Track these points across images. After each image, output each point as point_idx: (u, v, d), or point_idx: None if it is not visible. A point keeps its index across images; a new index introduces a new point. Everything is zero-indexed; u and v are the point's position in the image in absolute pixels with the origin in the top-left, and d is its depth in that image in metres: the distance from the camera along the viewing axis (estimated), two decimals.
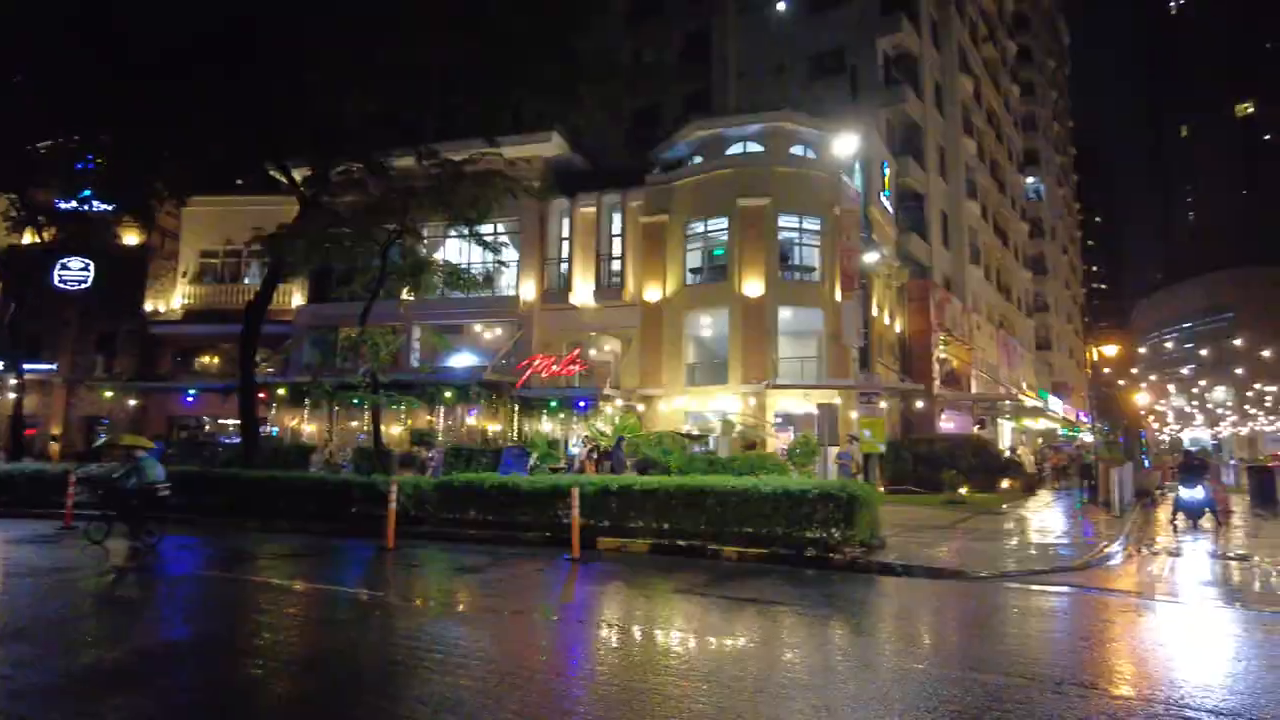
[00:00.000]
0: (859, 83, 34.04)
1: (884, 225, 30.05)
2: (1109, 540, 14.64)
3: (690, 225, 27.14)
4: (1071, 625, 8.51)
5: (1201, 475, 17.82)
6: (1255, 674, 6.42)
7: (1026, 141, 61.15)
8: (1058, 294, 64.23)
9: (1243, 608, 8.99)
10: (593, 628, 8.08)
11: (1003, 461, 28.75)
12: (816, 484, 12.64)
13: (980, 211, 42.84)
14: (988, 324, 41.42)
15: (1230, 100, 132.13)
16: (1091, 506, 21.82)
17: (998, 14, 53.95)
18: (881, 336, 28.70)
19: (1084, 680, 6.15)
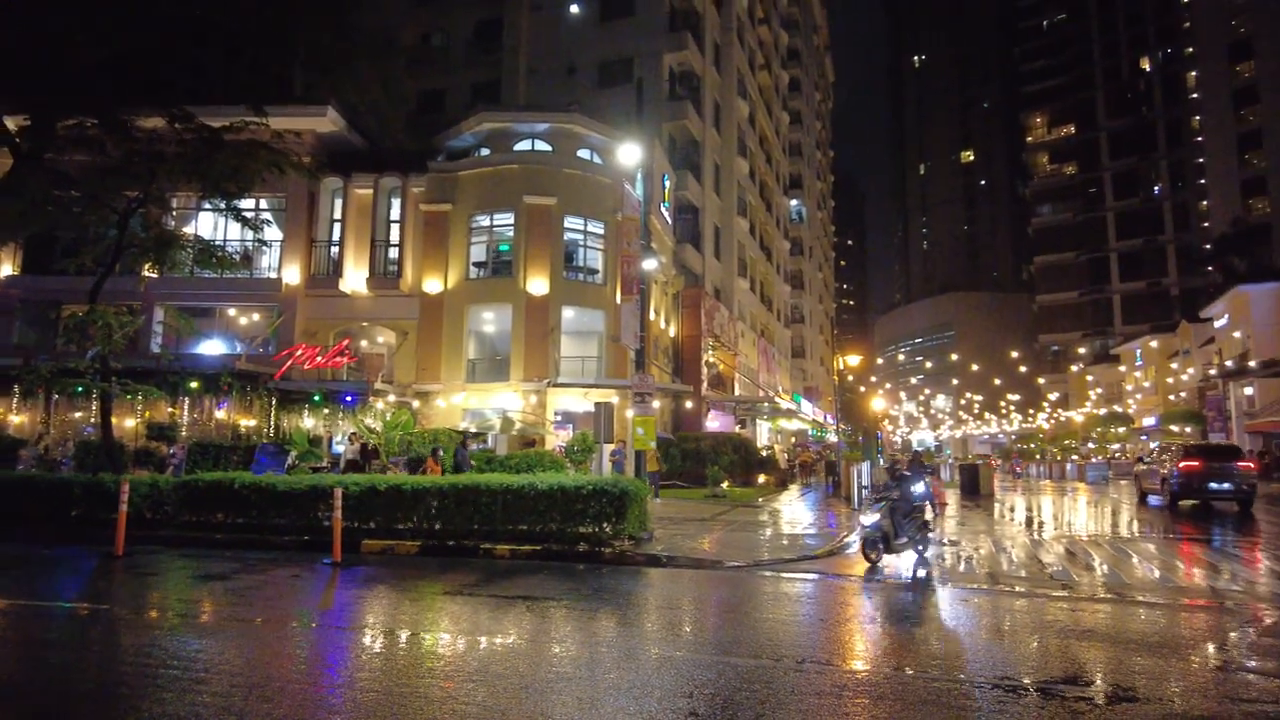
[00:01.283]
0: (645, 95, 35.26)
1: (663, 235, 31.36)
2: (848, 531, 16.28)
3: (475, 217, 26.65)
4: (814, 609, 9.36)
5: (923, 471, 20.37)
6: (954, 640, 7.44)
7: (792, 166, 66.55)
8: (812, 307, 70.46)
9: (952, 586, 10.36)
10: (354, 633, 7.70)
11: (760, 458, 31.07)
12: (591, 480, 12.91)
13: (749, 228, 45.98)
14: (751, 332, 44.57)
15: (956, 147, 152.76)
16: (835, 500, 24.17)
17: (774, 45, 58.27)
18: (657, 340, 29.92)
19: (819, 657, 6.81)
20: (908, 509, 12.17)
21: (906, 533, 12.00)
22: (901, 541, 11.88)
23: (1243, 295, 49.09)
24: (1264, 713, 5.34)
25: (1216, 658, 6.82)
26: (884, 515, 11.98)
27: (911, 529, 12.09)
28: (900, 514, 12.01)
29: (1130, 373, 73.89)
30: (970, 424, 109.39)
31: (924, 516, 12.63)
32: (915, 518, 12.23)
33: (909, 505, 12.24)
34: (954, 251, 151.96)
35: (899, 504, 12.11)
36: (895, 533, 11.85)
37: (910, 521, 12.14)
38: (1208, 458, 22.05)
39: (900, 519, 11.97)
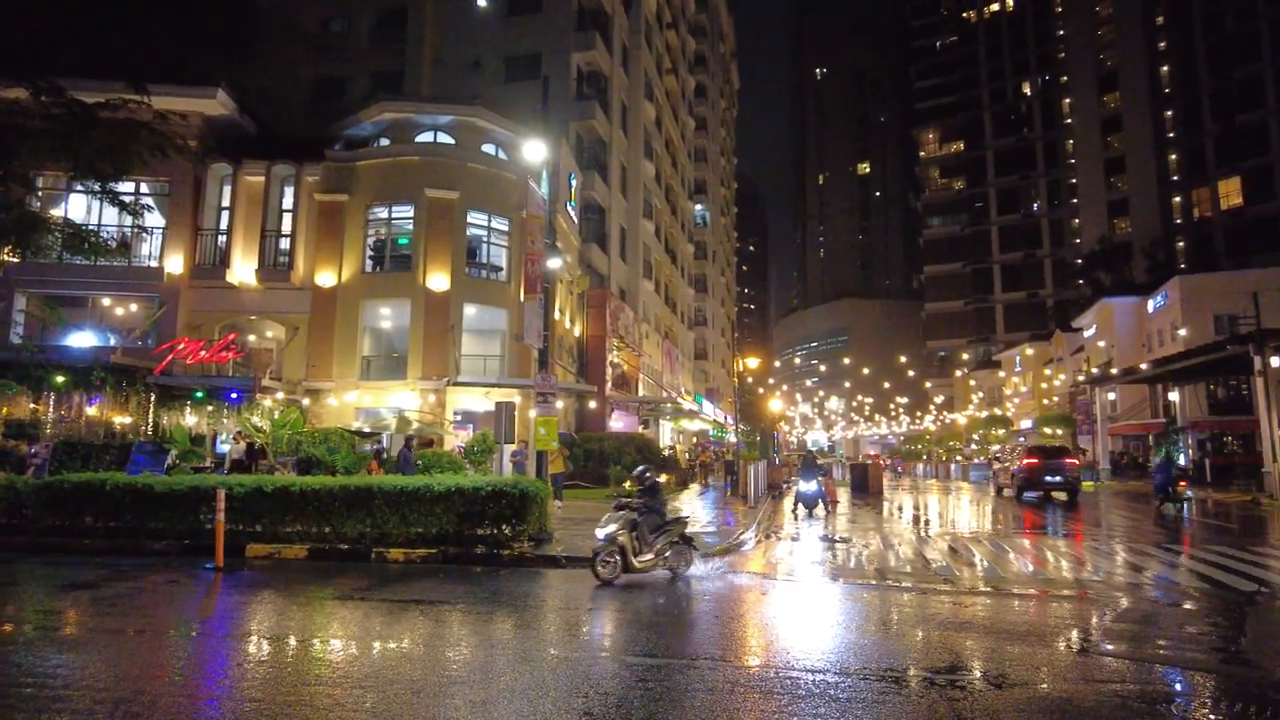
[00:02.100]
0: (552, 93, 35.01)
1: (569, 234, 31.25)
2: (744, 528, 16.65)
3: (373, 209, 25.85)
4: (709, 606, 9.51)
5: (817, 471, 21.07)
6: (843, 635, 7.70)
7: (697, 172, 67.52)
8: (715, 311, 71.68)
9: (844, 582, 10.73)
10: (236, 641, 7.34)
11: (662, 458, 31.39)
12: (490, 481, 12.73)
13: (655, 230, 46.40)
14: (655, 333, 44.97)
15: (854, 159, 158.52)
16: (733, 498, 24.66)
17: (681, 50, 58.97)
18: (561, 339, 29.78)
19: (713, 654, 6.93)
20: (659, 522, 10.67)
21: (654, 548, 10.46)
22: (646, 559, 10.37)
23: (1108, 308, 52.92)
24: (1114, 691, 5.77)
25: (1078, 643, 7.32)
26: (622, 527, 10.23)
27: (662, 543, 10.54)
28: (648, 527, 10.45)
29: (1010, 378, 78.46)
30: (862, 425, 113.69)
31: (681, 531, 10.91)
32: (670, 531, 10.68)
33: (661, 518, 10.76)
34: (849, 259, 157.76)
35: (646, 516, 10.55)
36: (638, 548, 10.31)
37: (661, 535, 10.59)
38: (1044, 456, 26.73)
39: (647, 533, 10.44)
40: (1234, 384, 40.42)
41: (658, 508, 10.84)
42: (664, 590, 10.05)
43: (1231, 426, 40.21)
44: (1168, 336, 44.39)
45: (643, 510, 10.58)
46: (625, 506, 10.58)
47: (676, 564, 10.72)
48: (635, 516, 10.40)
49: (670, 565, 10.64)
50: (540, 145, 16.99)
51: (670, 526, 10.80)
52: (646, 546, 10.42)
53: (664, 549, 10.56)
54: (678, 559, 10.75)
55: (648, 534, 10.45)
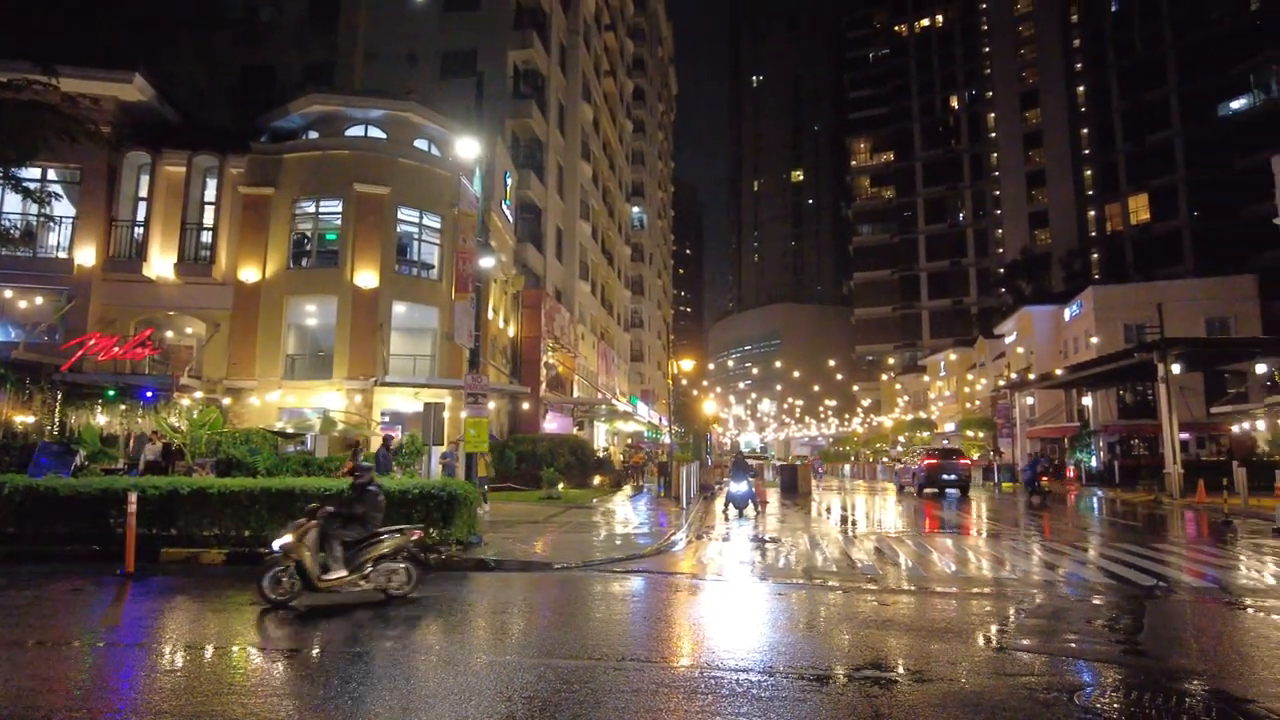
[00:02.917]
0: (489, 90, 34.68)
1: (503, 233, 30.94)
2: (676, 529, 16.76)
3: (300, 204, 25.12)
4: (639, 607, 9.53)
5: (747, 472, 21.35)
6: (770, 634, 7.82)
7: (635, 174, 67.71)
8: (651, 313, 71.97)
9: (773, 581, 10.88)
10: (145, 650, 7.02)
11: (596, 460, 31.34)
12: (418, 483, 12.50)
13: (591, 232, 46.33)
14: (591, 335, 44.90)
15: (788, 166, 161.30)
16: (666, 499, 24.78)
17: (620, 53, 59.05)
18: (495, 339, 29.46)
19: (640, 655, 6.94)
20: (364, 534, 8.97)
21: (353, 563, 8.77)
22: (336, 576, 8.65)
23: (1028, 315, 55.04)
24: (1024, 684, 6.00)
25: (992, 638, 7.58)
26: (300, 537, 8.51)
27: (368, 558, 8.84)
28: (343, 538, 8.83)
29: (934, 382, 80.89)
30: (793, 427, 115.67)
31: (404, 544, 9.12)
32: (381, 544, 8.95)
33: (366, 528, 9.02)
34: (782, 265, 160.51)
35: (345, 525, 8.91)
36: (325, 563, 8.65)
37: (367, 548, 8.88)
38: (941, 457, 30.39)
39: (337, 545, 8.77)
40: (1141, 389, 42.49)
41: (364, 514, 9.06)
42: (598, 591, 10.02)
43: (1139, 430, 42.26)
44: (1082, 344, 46.43)
45: (340, 517, 8.92)
46: (314, 513, 8.80)
47: (390, 583, 8.89)
48: (324, 525, 8.73)
49: (384, 585, 8.86)
50: (474, 142, 16.78)
51: (382, 539, 8.99)
52: (338, 561, 8.68)
53: (369, 563, 8.80)
54: (393, 577, 8.92)
55: (338, 546, 8.73)
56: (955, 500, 27.21)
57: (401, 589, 8.97)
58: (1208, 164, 64.95)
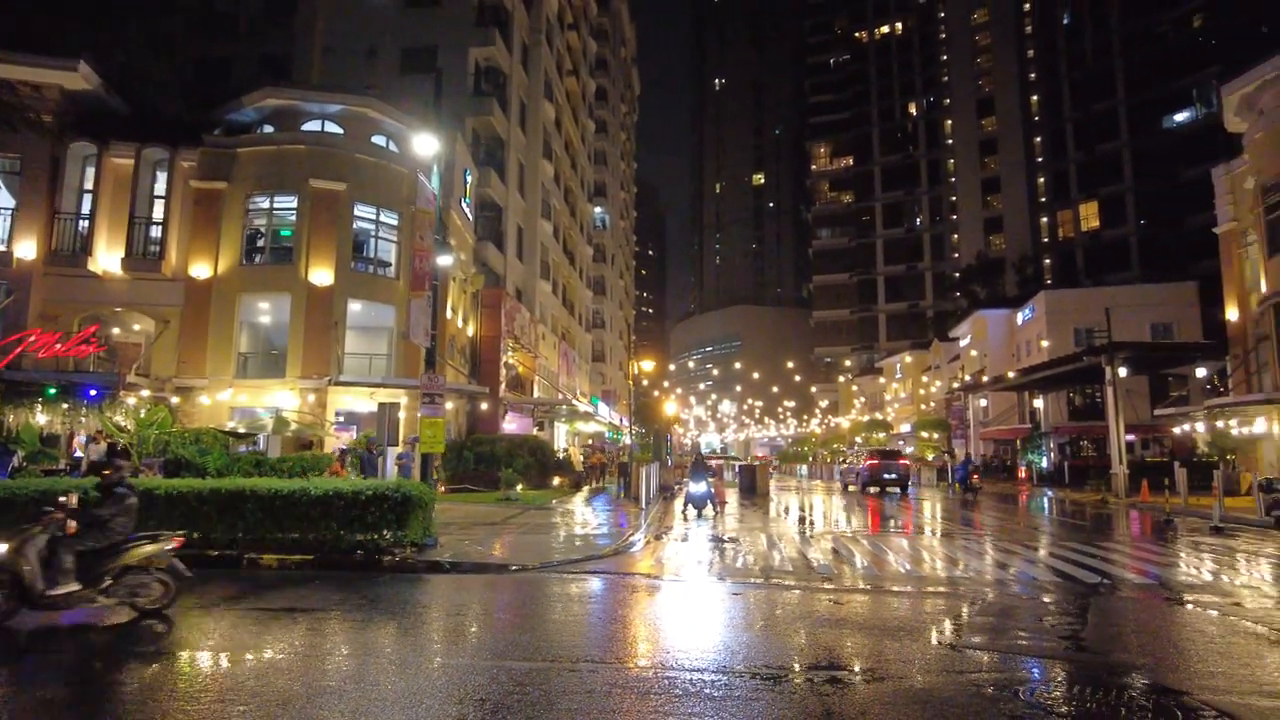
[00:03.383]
0: (450, 87, 34.34)
1: (463, 231, 30.64)
2: (635, 530, 16.74)
3: (253, 199, 24.59)
4: (596, 608, 9.50)
5: (706, 473, 21.42)
6: (726, 633, 7.84)
7: (597, 174, 67.62)
8: (613, 313, 71.94)
9: (731, 581, 10.92)
10: (84, 658, 6.79)
11: (556, 461, 31.19)
12: (371, 484, 12.30)
13: (553, 231, 46.14)
14: (552, 334, 44.70)
15: (749, 169, 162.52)
16: (625, 500, 24.76)
17: (582, 52, 58.90)
18: (454, 339, 29.16)
19: (596, 656, 6.91)
20: (109, 542, 7.84)
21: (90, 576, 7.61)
22: (64, 591, 7.43)
23: (982, 319, 56.17)
24: (973, 680, 6.10)
25: (943, 636, 7.70)
26: (20, 547, 7.33)
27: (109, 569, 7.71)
28: (76, 548, 7.61)
29: (890, 384, 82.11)
30: (752, 428, 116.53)
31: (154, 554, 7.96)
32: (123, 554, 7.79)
33: (109, 536, 7.87)
34: (743, 267, 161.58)
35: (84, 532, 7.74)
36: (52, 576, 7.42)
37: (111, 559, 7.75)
38: (882, 457, 32.68)
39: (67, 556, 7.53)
40: (1090, 392, 43.62)
41: (107, 519, 7.94)
42: (556, 593, 9.95)
43: (1088, 431, 43.37)
44: (1034, 347, 47.52)
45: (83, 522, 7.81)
46: (44, 517, 7.59)
47: (138, 598, 7.84)
48: (54, 531, 7.55)
49: (129, 599, 7.81)
50: (431, 139, 16.60)
51: (127, 548, 7.85)
52: (68, 574, 7.49)
53: (108, 575, 7.71)
54: (140, 592, 7.85)
55: (69, 556, 7.53)
56: (910, 500, 27.70)
57: (155, 604, 7.90)
58: (1154, 174, 67.00)
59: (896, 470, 31.35)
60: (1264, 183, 23.90)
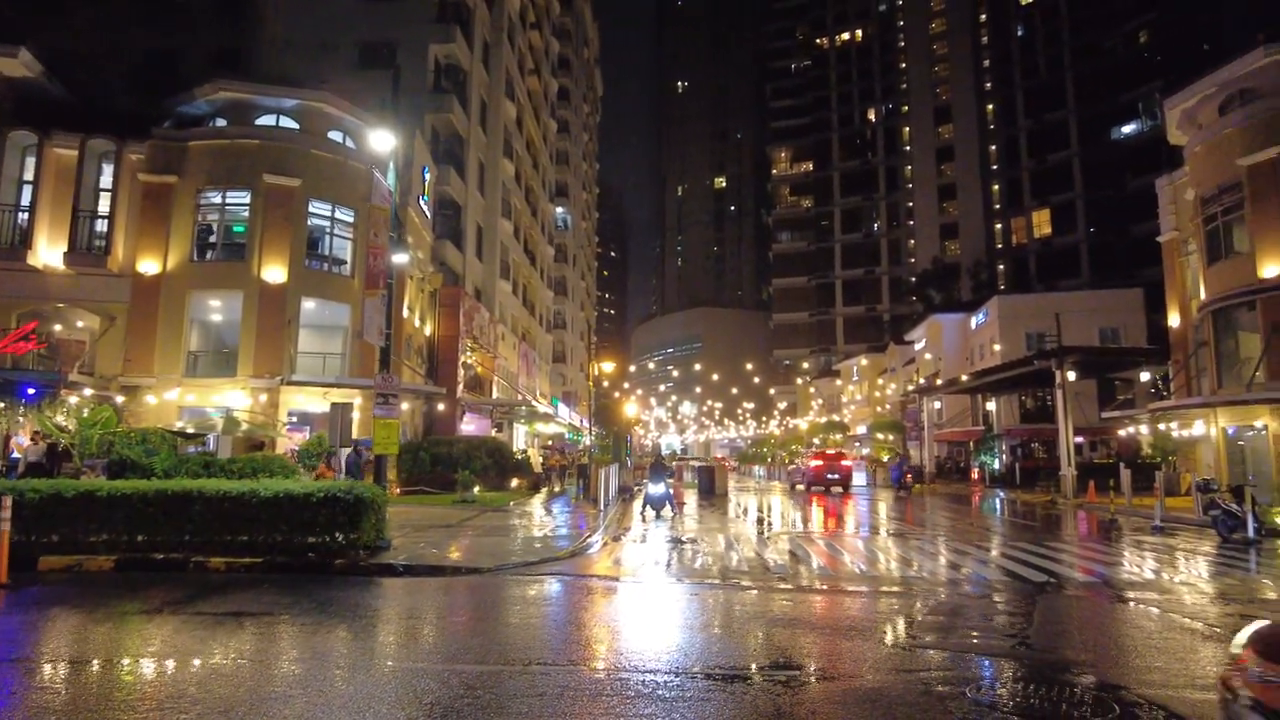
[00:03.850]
0: (409, 84, 33.94)
1: (421, 229, 30.28)
2: (593, 531, 16.70)
3: (205, 193, 24.02)
4: (552, 610, 9.45)
5: (665, 474, 21.47)
6: (682, 634, 7.84)
7: (559, 174, 67.40)
8: (574, 314, 71.80)
9: (688, 582, 10.94)
10: (20, 666, 6.55)
11: (515, 462, 30.97)
12: (322, 486, 12.09)
13: (513, 230, 45.86)
14: (512, 335, 44.42)
15: (711, 172, 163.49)
16: (584, 502, 24.69)
17: (544, 52, 58.66)
18: (411, 338, 28.82)
19: (549, 659, 6.86)
20: None
21: None
22: None
23: (937, 323, 57.16)
24: (922, 679, 6.19)
25: (894, 635, 7.80)
26: None
27: None
28: None
29: (847, 386, 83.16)
30: (712, 429, 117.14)
31: None
32: None
33: None
34: (705, 269, 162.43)
35: None
36: None
37: None
38: (826, 459, 35.24)
39: None
40: (1041, 395, 44.64)
41: None
42: (512, 595, 9.88)
43: (1038, 434, 44.36)
44: (987, 351, 48.50)
45: None
46: None
47: None
48: None
49: None
50: (388, 135, 16.38)
51: None
52: None
53: None
54: None
55: None
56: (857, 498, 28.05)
57: None
58: (1103, 183, 69.03)
59: (838, 471, 34.08)
60: (1203, 194, 24.72)
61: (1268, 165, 21.77)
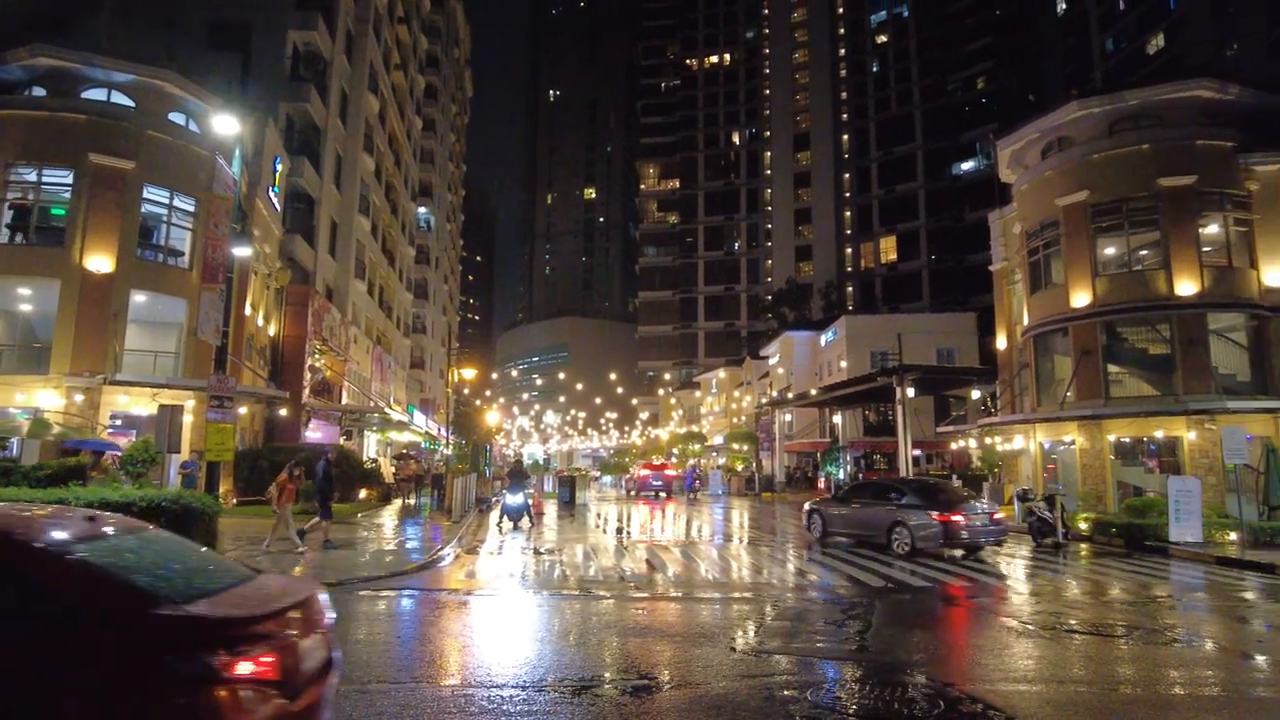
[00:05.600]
0: (264, 69, 31.98)
1: (269, 222, 28.48)
2: (447, 543, 16.17)
3: (16, 169, 21.54)
4: (398, 626, 9.01)
5: (524, 484, 21.12)
6: (534, 647, 7.65)
7: (423, 173, 65.43)
8: (435, 319, 69.76)
9: (546, 593, 10.74)
10: None
11: (365, 472, 29.60)
12: (145, 495, 11.04)
13: (371, 229, 44.06)
14: (366, 338, 42.59)
15: (581, 183, 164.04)
16: (438, 513, 23.91)
17: (413, 48, 56.91)
18: (253, 338, 27.00)
19: (391, 677, 6.50)
20: None
21: None
22: None
23: (790, 340, 59.66)
24: (765, 684, 6.31)
25: (741, 642, 7.93)
26: None
27: None
28: None
29: (706, 398, 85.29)
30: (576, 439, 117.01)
31: None
32: None
33: None
34: (572, 279, 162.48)
35: None
36: None
37: None
38: (653, 469, 40.86)
39: None
40: (883, 410, 47.39)
41: None
42: (358, 611, 9.33)
43: (880, 446, 47.04)
44: (835, 367, 51.04)
45: None
46: None
47: None
48: None
49: None
50: (233, 120, 15.31)
51: None
52: None
53: None
54: None
55: None
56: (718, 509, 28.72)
57: None
58: (944, 214, 74.76)
59: (663, 479, 39.22)
60: (1027, 229, 27.06)
61: (1079, 206, 24.11)
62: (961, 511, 15.04)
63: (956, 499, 16.02)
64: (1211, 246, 22.60)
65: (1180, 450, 21.54)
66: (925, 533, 14.83)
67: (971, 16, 78.84)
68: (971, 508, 15.51)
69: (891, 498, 16.25)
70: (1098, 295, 23.48)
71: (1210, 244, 22.63)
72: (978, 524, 15.06)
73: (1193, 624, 9.33)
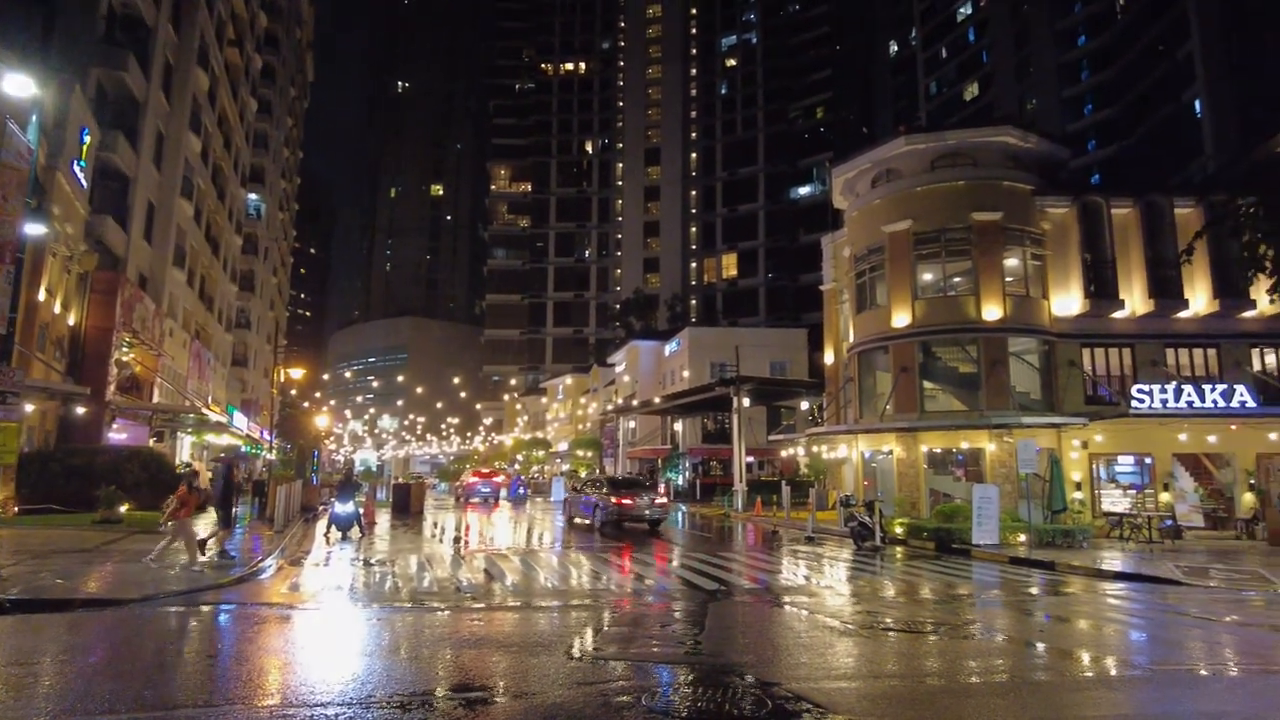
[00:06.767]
0: (73, 29, 28.80)
1: (73, 199, 25.64)
2: (268, 554, 15.18)
3: None
4: (211, 644, 8.34)
5: (354, 491, 20.17)
6: (362, 662, 7.30)
7: (255, 158, 61.21)
8: (262, 314, 65.38)
9: (376, 606, 10.27)
10: None
11: (176, 477, 27.18)
12: None
13: (194, 214, 40.72)
14: (183, 331, 39.25)
15: (428, 179, 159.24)
16: (260, 522, 22.38)
17: (250, 24, 53.19)
18: (49, 327, 24.17)
19: (200, 700, 6.01)
20: None
21: None
22: None
23: (635, 349, 60.68)
24: (601, 691, 6.37)
25: (579, 649, 7.96)
26: None
27: None
28: None
29: (552, 404, 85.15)
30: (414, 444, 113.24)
31: None
32: None
33: None
34: (415, 278, 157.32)
35: None
36: None
37: None
38: (481, 475, 41.61)
39: None
40: (720, 418, 49.20)
41: None
42: (163, 629, 8.55)
43: (717, 453, 48.80)
44: (678, 376, 52.45)
45: None
46: None
47: None
48: None
49: None
50: (28, 80, 13.72)
51: None
52: None
53: None
54: None
55: None
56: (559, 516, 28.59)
57: None
58: (782, 235, 78.90)
59: (491, 485, 40.20)
60: (856, 253, 29.00)
61: (902, 234, 26.14)
62: (632, 496, 22.90)
63: (634, 487, 24.41)
64: (1013, 277, 25.14)
65: (983, 460, 23.75)
66: (608, 509, 22.53)
67: (814, 49, 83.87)
68: (642, 495, 23.17)
69: (597, 487, 24.49)
70: (916, 317, 25.51)
71: (1012, 275, 25.17)
72: (644, 504, 22.72)
73: (988, 619, 10.31)
